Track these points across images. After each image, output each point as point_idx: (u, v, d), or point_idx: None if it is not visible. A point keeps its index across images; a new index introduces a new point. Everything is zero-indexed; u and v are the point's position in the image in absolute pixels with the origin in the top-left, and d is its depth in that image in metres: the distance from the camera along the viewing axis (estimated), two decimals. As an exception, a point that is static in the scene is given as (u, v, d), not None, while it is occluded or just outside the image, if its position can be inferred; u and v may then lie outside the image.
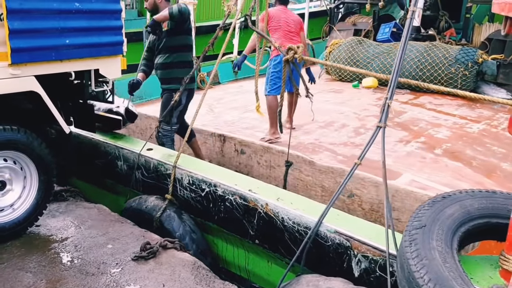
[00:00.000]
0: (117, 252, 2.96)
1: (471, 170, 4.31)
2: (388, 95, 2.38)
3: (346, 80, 7.62)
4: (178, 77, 3.88)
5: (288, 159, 3.64)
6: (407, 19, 2.51)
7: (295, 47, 3.02)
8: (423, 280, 1.80)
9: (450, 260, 1.92)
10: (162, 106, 3.94)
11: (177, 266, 2.79)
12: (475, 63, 6.48)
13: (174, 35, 4.06)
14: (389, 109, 2.38)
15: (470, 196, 2.27)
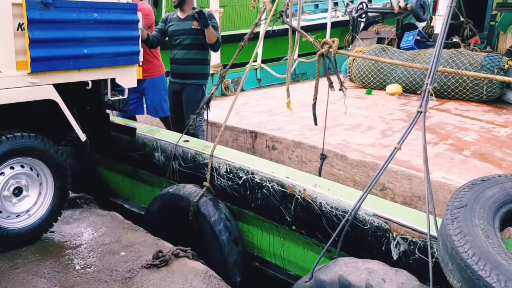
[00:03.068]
0: (130, 259, 3.00)
1: (501, 170, 4.31)
2: (429, 81, 2.45)
3: (369, 87, 7.67)
4: (206, 72, 4.08)
5: (322, 153, 3.70)
6: (445, 13, 2.58)
7: (330, 41, 3.10)
8: (467, 254, 1.84)
9: (493, 237, 1.96)
10: (191, 100, 4.04)
11: (189, 274, 2.81)
12: (501, 69, 6.48)
13: (203, 34, 4.33)
14: (429, 94, 2.44)
15: (509, 179, 2.31)
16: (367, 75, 7.57)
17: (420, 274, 2.33)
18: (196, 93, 3.98)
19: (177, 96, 4.56)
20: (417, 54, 7.34)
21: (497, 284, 1.73)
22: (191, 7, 4.62)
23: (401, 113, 6.16)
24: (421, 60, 7.14)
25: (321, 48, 3.10)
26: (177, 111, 4.58)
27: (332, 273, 2.41)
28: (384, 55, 7.54)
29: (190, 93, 4.27)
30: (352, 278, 2.32)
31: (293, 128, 5.26)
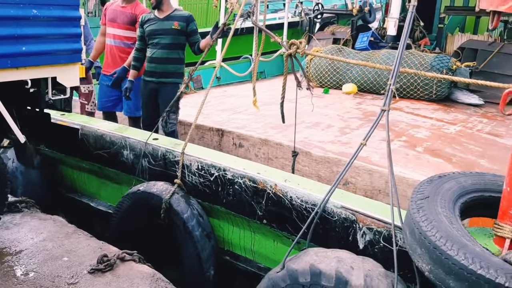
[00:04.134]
0: (73, 264, 2.94)
1: (451, 165, 4.61)
2: (392, 81, 2.62)
3: (326, 86, 7.92)
4: (182, 71, 4.19)
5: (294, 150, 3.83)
6: (406, 19, 2.77)
7: (297, 42, 3.24)
8: (435, 237, 2.03)
9: (455, 223, 2.17)
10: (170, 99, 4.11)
11: (135, 278, 2.79)
12: (450, 70, 6.87)
13: (182, 35, 4.52)
14: (392, 93, 2.62)
15: (463, 175, 2.56)
16: (324, 74, 7.80)
17: (384, 262, 2.51)
18: (174, 92, 4.04)
19: (153, 95, 4.61)
20: (371, 55, 7.65)
21: (465, 261, 1.91)
22: (170, 7, 4.73)
23: (357, 112, 6.43)
24: (375, 60, 7.44)
25: (289, 49, 3.22)
26: (151, 110, 4.63)
27: (303, 262, 2.55)
28: (340, 55, 7.79)
29: (167, 92, 4.33)
30: (322, 266, 2.47)
31: (257, 126, 5.39)
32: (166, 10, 4.66)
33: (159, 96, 4.56)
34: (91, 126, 3.87)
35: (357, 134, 5.33)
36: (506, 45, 7.36)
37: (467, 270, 1.91)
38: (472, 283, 1.89)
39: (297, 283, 2.50)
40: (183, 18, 4.59)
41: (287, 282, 2.54)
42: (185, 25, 4.57)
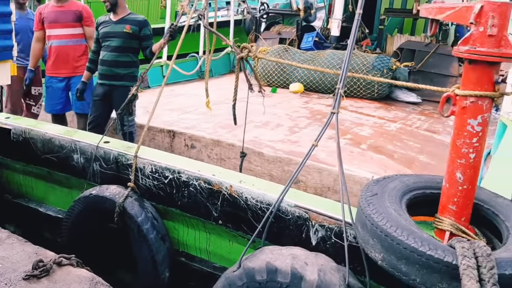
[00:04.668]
0: (7, 271, 2.83)
1: (393, 161, 4.87)
2: (340, 85, 2.75)
3: (274, 85, 8.07)
4: (135, 75, 4.22)
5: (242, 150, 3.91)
6: (353, 25, 2.91)
7: (249, 46, 3.32)
8: (387, 226, 2.19)
9: (403, 214, 2.34)
10: (121, 102, 4.09)
11: (73, 283, 2.73)
12: (390, 69, 7.21)
13: (134, 38, 4.55)
14: (340, 97, 2.75)
15: (405, 176, 2.77)
16: (272, 74, 7.95)
17: (336, 256, 2.65)
18: (126, 95, 4.02)
19: (106, 99, 4.58)
20: (316, 55, 7.87)
21: (415, 244, 2.07)
22: (125, 11, 4.74)
23: (305, 111, 6.61)
24: (320, 60, 7.68)
25: (241, 52, 3.29)
26: (102, 112, 4.59)
27: (259, 260, 2.64)
28: (286, 55, 7.97)
29: (120, 95, 4.32)
30: (278, 263, 2.57)
31: (207, 126, 5.43)
32: (120, 13, 4.68)
33: (112, 99, 4.56)
34: (39, 130, 3.77)
35: (305, 133, 5.50)
36: (441, 46, 7.82)
37: (417, 252, 2.07)
38: (422, 264, 2.06)
39: (253, 281, 2.58)
40: (136, 22, 4.62)
41: (244, 280, 2.61)
42: (138, 29, 4.59)
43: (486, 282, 1.91)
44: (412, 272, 2.10)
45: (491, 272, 1.93)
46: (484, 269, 1.95)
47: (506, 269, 1.97)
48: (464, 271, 1.93)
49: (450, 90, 2.44)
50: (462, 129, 2.36)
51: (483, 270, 1.95)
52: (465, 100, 2.34)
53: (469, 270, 1.94)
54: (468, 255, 2.02)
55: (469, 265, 1.96)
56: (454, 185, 2.41)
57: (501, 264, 1.99)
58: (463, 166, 2.38)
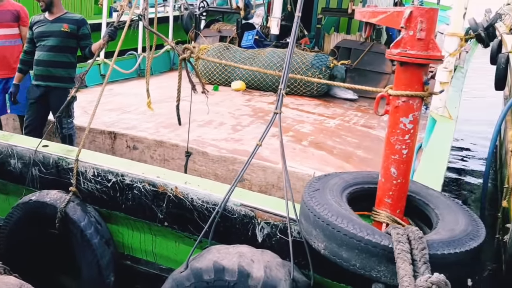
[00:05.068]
0: None
1: (333, 157, 5.05)
2: (282, 85, 2.84)
3: (216, 83, 8.08)
4: (72, 76, 4.10)
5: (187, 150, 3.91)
6: (293, 27, 3.00)
7: (191, 47, 3.33)
8: (328, 215, 2.32)
9: (344, 205, 2.48)
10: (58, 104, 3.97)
11: None
12: (328, 67, 7.44)
13: (72, 37, 4.41)
14: (282, 97, 2.84)
15: (344, 173, 2.94)
16: (213, 72, 7.96)
17: (281, 252, 2.74)
18: (64, 97, 3.89)
19: (42, 101, 4.42)
20: (257, 53, 7.97)
21: (354, 230, 2.22)
22: (61, 10, 4.60)
23: (247, 109, 6.69)
24: (260, 58, 7.78)
25: (183, 53, 3.30)
26: (39, 114, 4.43)
27: (206, 260, 2.68)
28: (227, 53, 8.01)
29: (58, 97, 4.17)
30: (225, 262, 2.62)
31: (148, 126, 5.37)
32: (56, 12, 4.54)
33: (49, 101, 4.41)
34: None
35: (248, 131, 5.57)
36: (375, 44, 8.15)
37: (356, 237, 2.21)
38: (361, 249, 2.21)
39: (201, 280, 2.61)
40: (74, 21, 4.49)
41: (191, 281, 2.64)
42: (76, 28, 4.47)
43: (418, 261, 2.09)
44: (352, 258, 2.24)
45: (422, 252, 2.12)
46: (416, 250, 2.13)
47: (437, 249, 2.16)
48: (398, 255, 2.10)
49: (384, 90, 2.59)
50: (395, 127, 2.52)
51: (415, 252, 2.13)
52: (397, 99, 2.50)
53: (403, 254, 2.11)
54: (402, 240, 2.19)
55: (403, 249, 2.13)
56: (389, 179, 2.57)
57: (432, 245, 2.17)
58: (397, 162, 2.54)
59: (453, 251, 2.19)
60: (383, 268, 2.19)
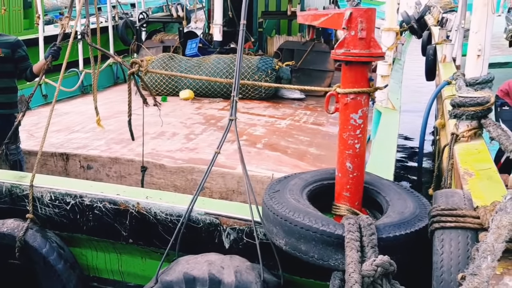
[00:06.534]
0: None
1: (287, 157, 5.16)
2: (234, 93, 2.90)
3: (163, 94, 8.01)
4: (15, 101, 3.95)
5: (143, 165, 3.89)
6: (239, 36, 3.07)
7: (139, 61, 3.32)
8: (286, 212, 2.42)
9: (302, 201, 2.59)
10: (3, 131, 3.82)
11: None
12: (273, 70, 7.56)
13: (8, 62, 4.26)
14: (236, 104, 2.90)
15: (303, 173, 3.04)
16: (160, 82, 7.89)
17: (249, 256, 2.79)
18: (9, 123, 3.75)
19: None
20: (202, 61, 7.98)
21: (310, 222, 2.33)
22: None
23: (198, 117, 6.69)
24: (206, 66, 7.80)
25: (131, 68, 3.29)
26: None
27: (176, 272, 2.69)
28: (172, 63, 7.97)
29: (3, 125, 3.98)
30: (195, 272, 2.64)
31: (99, 143, 5.27)
32: None
33: None
34: None
35: (202, 139, 5.59)
36: (316, 43, 8.37)
37: (312, 229, 2.32)
38: (318, 239, 2.31)
39: (173, 293, 2.62)
40: (8, 44, 4.31)
41: (163, 294, 2.65)
42: (10, 52, 4.29)
43: (366, 246, 2.23)
44: (310, 249, 2.35)
45: (370, 238, 2.26)
46: (365, 237, 2.27)
47: (389, 232, 2.31)
48: (347, 243, 2.24)
49: (332, 89, 2.70)
50: (346, 123, 2.63)
51: (364, 238, 2.27)
52: (346, 97, 2.61)
53: (351, 242, 2.24)
54: (352, 229, 2.32)
55: (352, 238, 2.26)
56: (346, 174, 2.68)
57: (380, 230, 2.31)
58: (351, 156, 2.65)
59: (403, 232, 2.34)
60: (340, 257, 2.30)
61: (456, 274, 1.95)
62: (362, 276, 2.11)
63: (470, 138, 3.86)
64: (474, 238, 2.07)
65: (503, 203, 1.96)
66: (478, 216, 2.12)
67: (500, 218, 1.88)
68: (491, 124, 3.69)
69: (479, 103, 3.80)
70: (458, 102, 3.89)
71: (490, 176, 3.10)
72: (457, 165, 3.48)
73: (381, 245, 2.26)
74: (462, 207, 2.20)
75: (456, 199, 2.29)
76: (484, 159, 3.52)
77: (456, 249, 2.06)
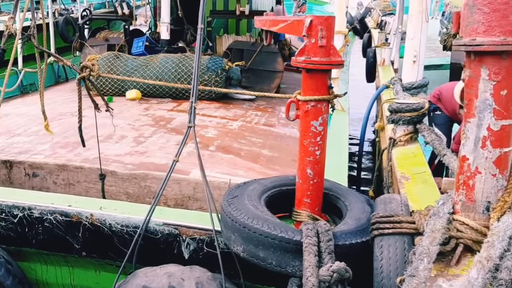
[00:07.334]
0: None
1: (241, 159, 5.13)
2: (193, 99, 2.83)
3: (109, 94, 7.73)
4: None
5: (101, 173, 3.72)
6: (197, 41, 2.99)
7: (89, 65, 3.17)
8: (244, 218, 2.42)
9: (261, 208, 2.59)
10: None
11: None
12: (223, 70, 7.49)
13: None
14: (195, 111, 2.83)
15: (262, 179, 3.05)
16: (105, 82, 7.62)
17: (210, 266, 2.74)
18: None
19: None
20: (149, 60, 7.78)
21: (268, 229, 2.34)
22: None
23: (147, 118, 6.51)
24: (154, 65, 7.61)
25: (82, 72, 3.13)
26: None
27: (134, 286, 2.59)
28: (118, 63, 7.72)
29: None
30: (154, 285, 2.56)
31: (43, 148, 5.01)
32: None
33: None
34: None
35: (152, 142, 5.44)
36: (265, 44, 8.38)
37: (270, 236, 2.33)
38: (276, 246, 2.33)
39: (131, 308, 2.53)
40: None
41: (120, 309, 2.55)
42: None
43: (323, 252, 2.29)
44: (269, 256, 2.36)
45: (327, 244, 2.31)
46: (322, 243, 2.32)
47: (339, 240, 2.35)
48: (305, 248, 2.28)
49: (292, 96, 2.70)
50: (307, 130, 2.64)
51: (322, 244, 2.32)
52: (306, 104, 2.62)
53: (309, 247, 2.28)
54: (310, 234, 2.36)
55: (310, 242, 2.30)
56: (306, 180, 2.70)
57: (337, 237, 2.36)
58: (311, 163, 2.67)
59: (359, 240, 2.39)
60: (297, 263, 2.32)
61: (395, 279, 2.02)
62: (319, 280, 2.14)
63: (406, 142, 4.06)
64: (411, 242, 2.16)
65: (436, 208, 2.09)
66: (414, 221, 2.23)
67: (434, 222, 2.00)
68: (426, 129, 3.89)
69: (414, 109, 4.01)
70: (395, 108, 4.08)
71: (425, 180, 3.26)
72: (395, 169, 3.62)
73: (337, 252, 2.30)
74: (399, 213, 2.30)
75: (393, 205, 2.39)
76: (419, 163, 3.69)
77: (394, 254, 2.15)
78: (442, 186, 3.19)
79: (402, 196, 2.56)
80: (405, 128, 4.11)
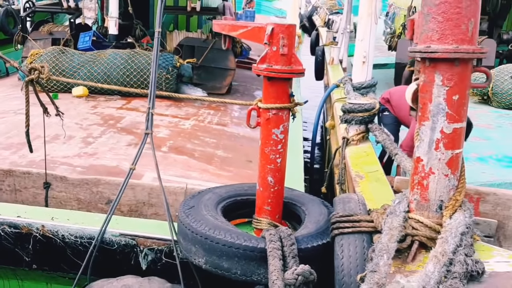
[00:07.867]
0: None
1: (195, 160, 5.05)
2: (150, 104, 2.75)
3: (54, 91, 7.39)
4: None
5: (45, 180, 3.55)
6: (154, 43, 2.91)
7: (39, 67, 3.00)
8: (205, 229, 2.40)
9: (219, 218, 2.58)
10: None
11: None
12: (174, 67, 7.35)
13: None
14: (152, 117, 2.75)
15: (217, 187, 3.03)
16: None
17: (169, 276, 2.69)
18: None
19: None
20: (97, 55, 7.50)
21: (231, 239, 2.34)
22: None
23: (95, 117, 6.27)
24: (102, 61, 7.35)
25: (30, 74, 2.96)
26: None
27: (89, 299, 2.50)
28: (64, 58, 7.39)
29: None
30: (111, 298, 2.48)
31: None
32: None
33: None
34: None
35: (102, 143, 5.25)
36: (217, 41, 8.28)
37: (234, 245, 2.33)
38: (240, 256, 2.33)
39: (86, 323, 2.44)
40: None
41: (74, 325, 2.45)
42: None
43: (287, 256, 2.33)
44: (233, 266, 2.35)
45: (291, 248, 2.35)
46: (286, 247, 2.35)
47: (301, 244, 2.40)
48: (270, 253, 2.31)
49: (253, 103, 2.68)
50: (268, 138, 2.64)
51: (285, 249, 2.35)
52: (268, 112, 2.61)
53: (274, 251, 2.31)
54: (274, 239, 2.39)
55: (274, 247, 2.33)
56: (267, 188, 2.70)
57: (299, 241, 2.41)
58: (272, 171, 2.67)
59: (320, 242, 2.44)
60: (262, 271, 2.34)
61: (356, 276, 2.08)
62: (284, 284, 2.16)
63: (359, 142, 4.19)
64: (370, 240, 2.23)
65: (392, 207, 2.18)
66: (372, 220, 2.30)
67: (391, 220, 2.09)
68: (377, 128, 4.04)
69: (366, 109, 4.14)
70: (348, 108, 4.20)
71: (378, 178, 3.38)
72: (349, 168, 3.72)
73: (300, 255, 2.34)
74: (358, 213, 2.37)
75: (352, 204, 2.45)
76: (372, 162, 3.81)
77: (354, 253, 2.21)
78: (395, 184, 3.31)
79: (358, 195, 2.62)
80: (357, 127, 4.23)
